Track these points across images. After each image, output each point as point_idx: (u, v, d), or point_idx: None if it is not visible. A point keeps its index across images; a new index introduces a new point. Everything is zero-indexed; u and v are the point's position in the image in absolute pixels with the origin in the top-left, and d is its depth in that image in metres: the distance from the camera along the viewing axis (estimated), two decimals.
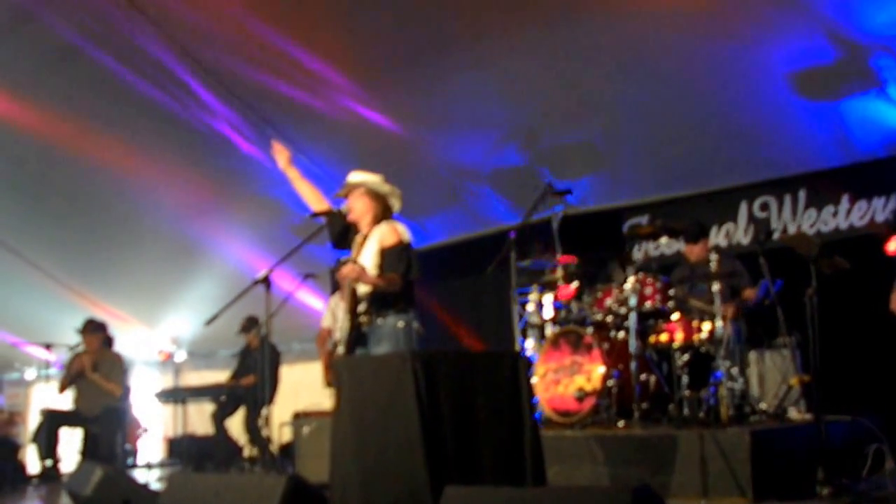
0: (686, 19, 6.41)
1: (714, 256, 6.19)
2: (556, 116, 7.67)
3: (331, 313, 7.92)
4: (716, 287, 6.09)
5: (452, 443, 3.86)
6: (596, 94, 7.37)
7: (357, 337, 4.98)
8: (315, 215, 5.23)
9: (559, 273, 6.89)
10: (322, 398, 10.05)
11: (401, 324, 4.91)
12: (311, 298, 10.39)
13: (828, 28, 6.32)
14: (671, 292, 6.37)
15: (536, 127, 7.89)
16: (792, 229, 7.63)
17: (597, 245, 8.25)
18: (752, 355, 6.69)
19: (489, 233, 8.98)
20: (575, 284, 6.85)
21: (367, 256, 5.02)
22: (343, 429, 4.13)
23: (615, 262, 6.93)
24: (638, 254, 8.48)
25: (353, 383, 4.19)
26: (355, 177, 5.22)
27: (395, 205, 5.23)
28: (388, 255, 4.94)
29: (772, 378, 6.62)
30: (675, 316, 6.27)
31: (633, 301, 6.17)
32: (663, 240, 7.21)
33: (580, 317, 6.62)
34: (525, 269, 7.10)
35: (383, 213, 5.17)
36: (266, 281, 5.04)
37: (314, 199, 5.36)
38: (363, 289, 4.98)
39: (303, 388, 10.52)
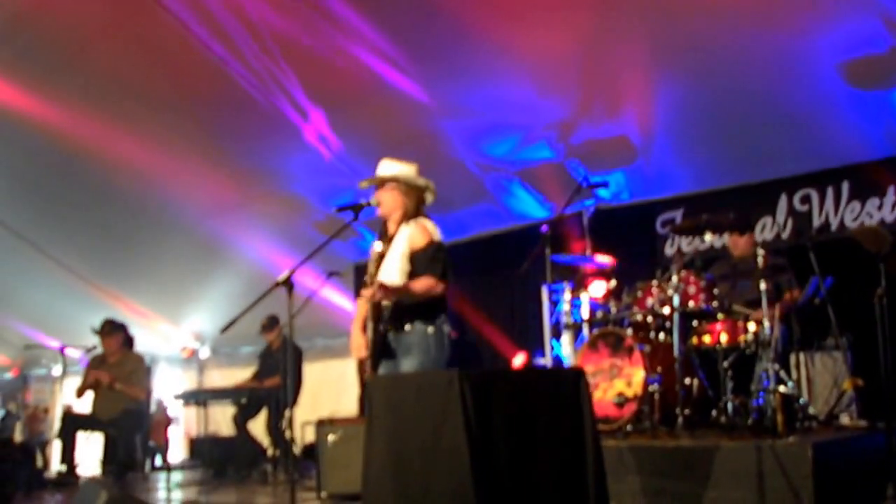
0: (728, 7, 6.02)
1: (761, 252, 5.65)
2: (591, 108, 7.25)
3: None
4: (763, 285, 5.55)
5: (508, 478, 3.23)
6: (632, 85, 6.98)
7: (383, 348, 4.50)
8: (341, 209, 4.68)
9: (593, 270, 6.63)
10: (344, 395, 9.77)
11: (431, 329, 4.45)
12: (334, 295, 10.01)
13: (883, 15, 5.86)
14: (715, 291, 5.92)
15: (570, 119, 7.40)
16: (834, 223, 7.24)
17: (630, 241, 7.95)
18: (801, 357, 6.15)
19: (517, 228, 8.65)
20: (611, 283, 6.50)
21: (394, 260, 4.57)
22: (378, 462, 3.52)
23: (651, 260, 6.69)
24: (670, 249, 8.06)
25: (389, 408, 3.58)
26: (388, 167, 4.72)
27: (429, 199, 4.75)
28: (420, 258, 4.49)
29: (821, 382, 6.15)
30: (720, 316, 5.81)
31: (676, 301, 5.73)
32: (707, 236, 6.70)
33: (618, 317, 6.21)
34: (558, 265, 6.73)
35: (415, 209, 4.69)
36: (288, 283, 4.46)
37: None
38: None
39: (326, 385, 10.31)
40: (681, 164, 7.72)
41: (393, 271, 4.51)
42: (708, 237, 6.83)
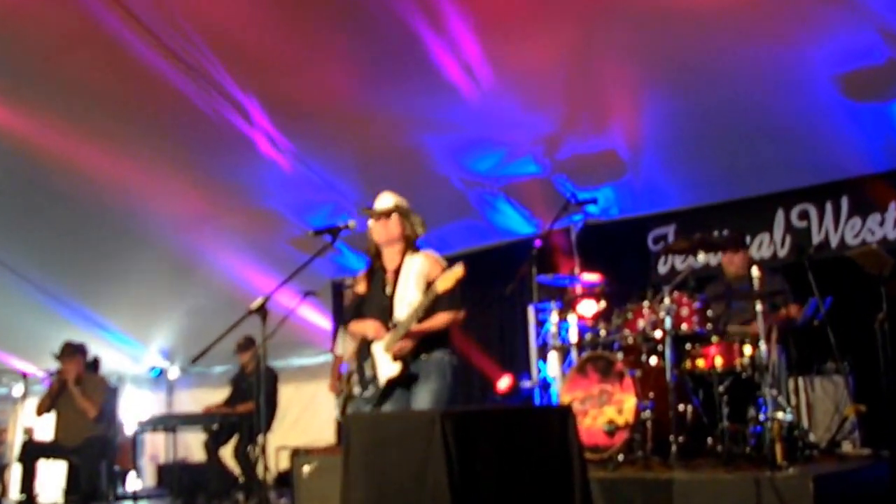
0: (719, 19, 5.93)
1: (756, 271, 5.54)
2: (578, 122, 7.15)
3: (343, 341, 7.60)
4: (759, 306, 5.44)
5: None
6: (619, 98, 6.89)
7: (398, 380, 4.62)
8: (318, 233, 4.80)
9: (581, 290, 6.59)
10: (320, 416, 9.59)
11: (447, 356, 4.66)
12: (311, 313, 9.88)
13: (880, 27, 5.80)
14: (709, 313, 5.85)
15: (556, 133, 7.31)
16: (834, 239, 7.17)
17: (620, 258, 7.93)
18: (800, 382, 6.14)
19: (503, 244, 8.57)
20: (600, 304, 6.49)
21: (408, 294, 4.65)
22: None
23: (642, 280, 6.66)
24: (663, 267, 8.00)
25: (369, 448, 3.51)
26: (388, 200, 4.85)
27: (420, 232, 4.89)
28: (442, 294, 4.52)
29: (822, 407, 6.07)
30: (715, 339, 5.73)
31: (668, 323, 5.60)
32: (701, 255, 6.68)
33: (608, 340, 6.13)
34: (545, 284, 6.73)
35: (414, 240, 4.84)
36: (262, 310, 4.34)
37: None
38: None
39: (301, 406, 10.16)
40: (672, 178, 7.67)
41: (408, 307, 4.59)
42: (702, 256, 6.73)
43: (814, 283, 5.71)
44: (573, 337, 6.50)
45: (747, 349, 5.58)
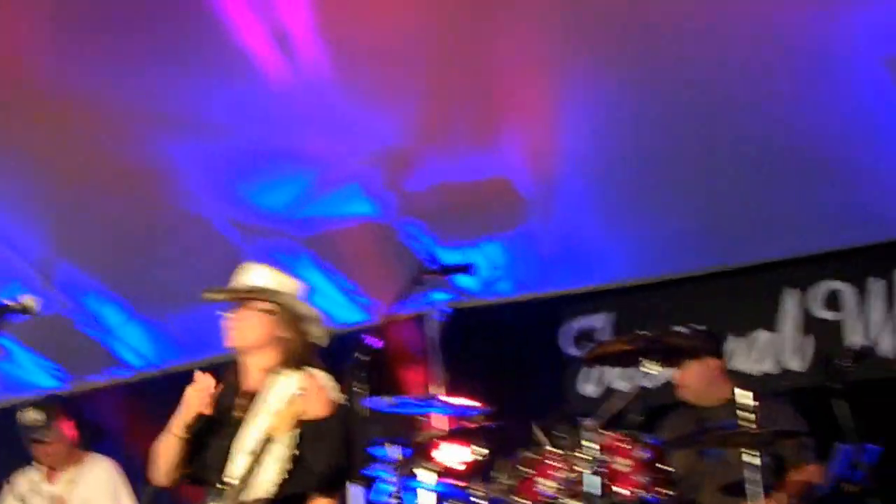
0: None
1: (746, 398, 5.28)
2: (447, 129, 7.03)
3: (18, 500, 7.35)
4: (754, 458, 5.23)
5: None
6: (522, 89, 6.77)
7: None
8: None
9: (442, 425, 6.48)
10: None
11: None
12: None
13: None
14: (669, 469, 5.37)
15: (408, 146, 7.16)
16: (887, 343, 6.83)
17: (514, 368, 7.88)
18: None
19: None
20: (476, 449, 6.03)
21: (263, 446, 4.46)
22: None
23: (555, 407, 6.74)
24: (589, 385, 7.78)
25: None
26: (256, 276, 4.82)
27: (316, 335, 4.77)
28: (319, 440, 4.40)
29: None
30: None
31: (594, 485, 5.15)
32: (647, 365, 5.98)
33: None
34: (380, 412, 6.02)
35: (301, 349, 4.64)
36: None
37: None
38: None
39: None
40: (608, 231, 7.55)
41: (267, 471, 4.39)
42: (648, 366, 6.04)
43: (848, 417, 5.41)
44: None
45: None
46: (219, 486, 4.42)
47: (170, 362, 9.01)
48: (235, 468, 4.44)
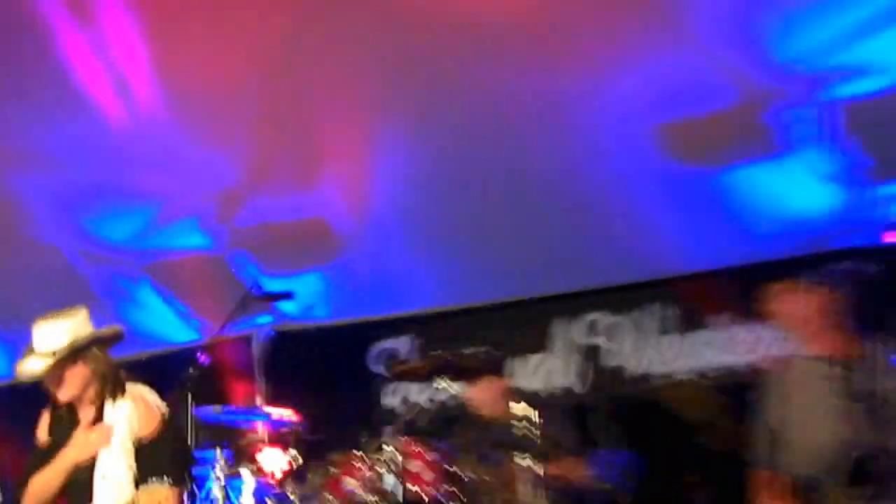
0: (505, 37, 6.31)
1: (520, 409, 5.58)
2: (272, 172, 7.47)
3: None
4: (526, 460, 5.47)
5: None
6: (343, 139, 7.21)
7: None
8: None
9: (264, 433, 6.62)
10: None
11: None
12: None
13: (720, 59, 6.37)
14: (455, 469, 5.68)
15: (239, 186, 7.58)
16: (639, 365, 7.43)
17: (328, 383, 8.18)
18: None
19: (144, 357, 8.21)
20: (292, 454, 6.41)
21: (114, 463, 4.64)
22: None
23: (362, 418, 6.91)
24: (393, 399, 8.28)
25: None
26: (55, 335, 4.75)
27: (109, 367, 4.82)
28: (157, 452, 4.62)
29: None
30: None
31: (391, 483, 5.56)
32: (441, 382, 6.66)
33: None
34: (209, 422, 6.61)
35: (113, 374, 4.77)
36: None
37: None
38: None
39: None
40: (410, 266, 7.92)
41: (115, 488, 4.58)
42: (443, 384, 6.73)
43: (605, 428, 6.11)
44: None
45: None
46: None
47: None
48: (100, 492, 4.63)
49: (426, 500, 5.55)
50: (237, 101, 6.91)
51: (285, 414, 6.49)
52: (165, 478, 4.63)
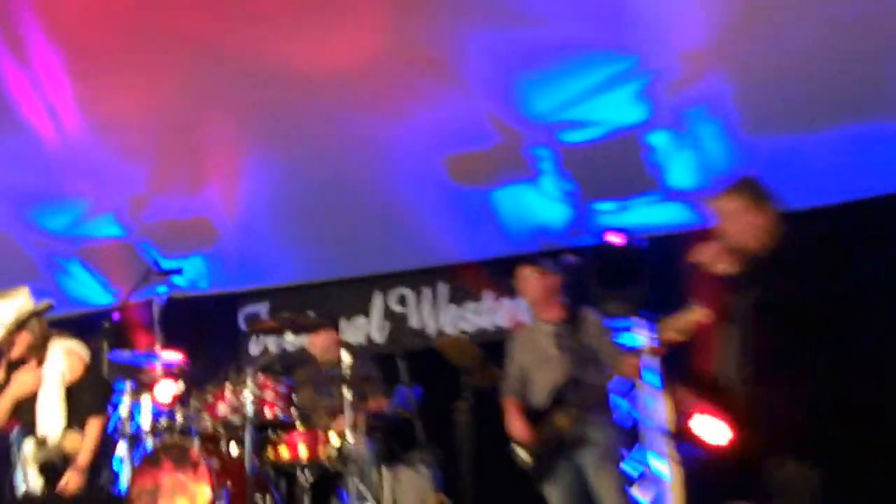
0: (332, 84, 7.04)
1: (346, 356, 6.51)
2: (170, 181, 8.11)
3: None
4: (347, 393, 6.41)
5: None
6: (218, 159, 7.92)
7: None
8: None
9: (159, 370, 7.05)
10: None
11: None
12: None
13: (488, 112, 7.29)
14: (295, 398, 6.69)
15: (145, 192, 8.24)
16: (432, 326, 8.67)
17: (208, 336, 8.88)
18: (386, 473, 6.95)
19: (76, 316, 8.99)
20: (179, 386, 7.02)
21: (52, 398, 5.49)
22: None
23: (231, 361, 7.25)
24: (255, 348, 9.16)
25: None
26: (5, 310, 5.63)
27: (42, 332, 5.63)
28: (83, 395, 5.48)
29: (406, 499, 6.90)
30: (300, 427, 6.58)
31: (250, 408, 6.41)
32: (289, 336, 7.81)
33: (186, 426, 6.67)
34: (120, 363, 7.01)
35: (46, 336, 5.68)
36: None
37: None
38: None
39: None
40: (269, 252, 8.71)
41: (51, 417, 5.43)
42: (290, 337, 7.90)
43: (404, 371, 6.73)
44: (146, 423, 6.82)
45: (334, 439, 6.48)
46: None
47: None
48: (47, 429, 5.38)
49: (275, 419, 6.47)
50: (144, 126, 7.51)
51: (175, 357, 7.11)
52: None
